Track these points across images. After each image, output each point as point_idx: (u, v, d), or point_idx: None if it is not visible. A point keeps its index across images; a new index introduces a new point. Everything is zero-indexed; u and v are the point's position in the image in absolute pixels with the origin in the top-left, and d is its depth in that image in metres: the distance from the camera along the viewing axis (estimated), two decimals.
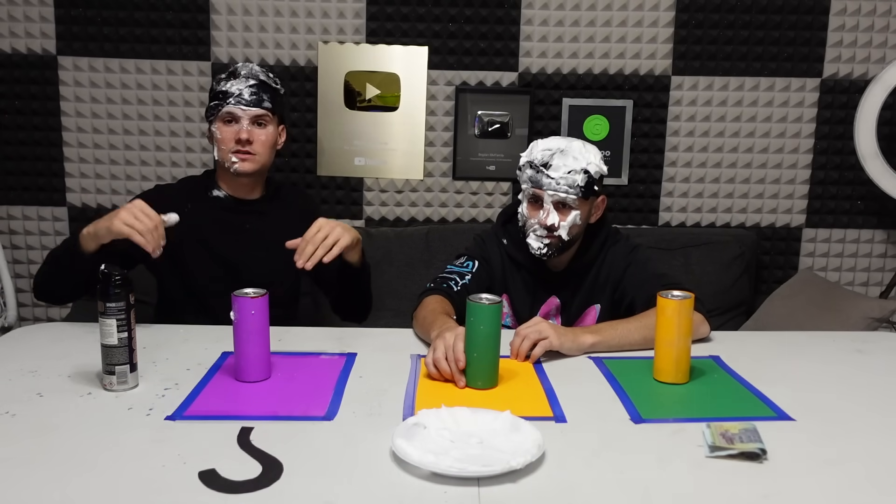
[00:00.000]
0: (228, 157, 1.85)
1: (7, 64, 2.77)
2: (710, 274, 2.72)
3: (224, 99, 1.84)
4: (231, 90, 1.84)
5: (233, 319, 1.41)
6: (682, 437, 1.23)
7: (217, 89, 1.86)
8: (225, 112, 1.84)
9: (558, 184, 1.73)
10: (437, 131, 2.86)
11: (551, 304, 1.89)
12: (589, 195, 1.77)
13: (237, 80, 1.85)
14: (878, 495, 1.06)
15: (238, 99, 1.83)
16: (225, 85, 1.85)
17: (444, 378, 1.44)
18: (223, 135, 1.85)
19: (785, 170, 2.90)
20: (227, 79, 1.86)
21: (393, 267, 2.69)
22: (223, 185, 1.93)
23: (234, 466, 1.10)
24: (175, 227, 1.68)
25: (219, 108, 1.84)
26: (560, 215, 1.76)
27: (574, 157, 1.74)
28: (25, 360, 1.51)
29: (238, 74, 1.86)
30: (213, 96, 1.87)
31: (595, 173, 1.76)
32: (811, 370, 1.56)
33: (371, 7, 2.77)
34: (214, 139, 1.87)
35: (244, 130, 1.83)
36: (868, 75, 2.80)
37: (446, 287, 1.80)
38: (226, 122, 1.85)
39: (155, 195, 1.92)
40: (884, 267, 2.96)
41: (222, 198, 1.92)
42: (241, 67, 1.88)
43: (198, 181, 1.97)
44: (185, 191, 1.94)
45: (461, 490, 1.05)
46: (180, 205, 1.88)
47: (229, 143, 1.84)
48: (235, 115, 1.84)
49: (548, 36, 2.79)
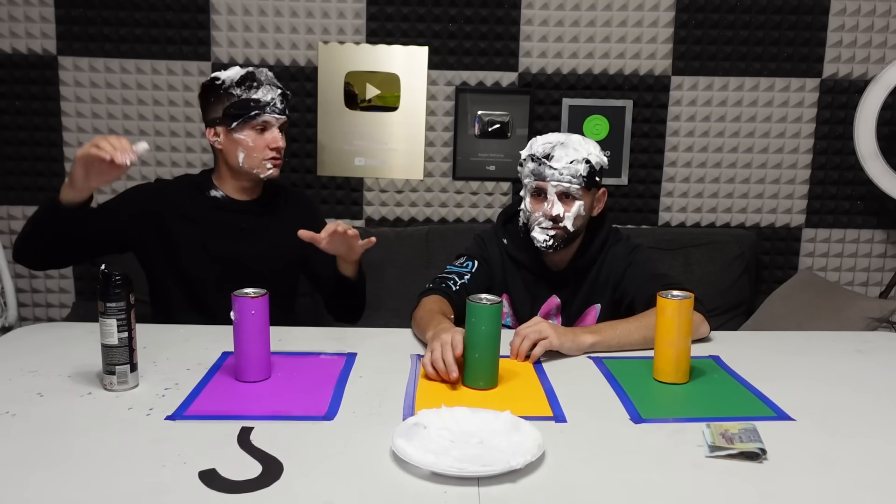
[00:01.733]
0: (261, 164, 1.86)
1: (7, 64, 2.77)
2: (710, 274, 2.72)
3: (259, 107, 1.82)
4: (265, 98, 1.83)
5: (233, 319, 1.41)
6: (682, 437, 1.23)
7: (246, 97, 1.82)
8: (261, 121, 1.83)
9: (561, 174, 1.74)
10: (437, 131, 2.86)
11: (551, 304, 1.89)
12: (591, 186, 1.78)
13: (263, 88, 1.84)
14: (878, 495, 1.06)
15: (273, 108, 1.84)
16: (256, 93, 1.83)
17: (442, 378, 1.44)
18: (255, 143, 1.84)
19: (785, 170, 2.90)
20: (254, 85, 1.83)
21: (393, 267, 2.69)
22: (222, 186, 1.93)
23: (234, 466, 1.10)
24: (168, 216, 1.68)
25: (255, 116, 1.82)
26: (564, 206, 1.77)
27: (575, 149, 1.76)
28: (25, 360, 1.51)
29: (261, 81, 1.84)
30: (241, 104, 1.82)
31: (596, 164, 1.78)
32: (811, 370, 1.56)
33: (371, 7, 2.77)
34: (241, 145, 1.84)
35: (280, 139, 1.86)
36: (868, 75, 2.80)
37: (445, 287, 1.80)
38: (259, 131, 1.84)
39: (154, 189, 1.94)
40: (883, 267, 2.96)
41: (220, 198, 1.92)
42: (258, 73, 1.86)
43: (195, 180, 1.97)
44: (183, 188, 1.94)
45: (461, 490, 1.05)
46: (178, 200, 1.90)
47: (262, 151, 1.85)
48: (270, 123, 1.85)
49: (548, 36, 2.80)
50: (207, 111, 1.88)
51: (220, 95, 1.85)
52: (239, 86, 1.83)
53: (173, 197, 1.91)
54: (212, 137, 1.88)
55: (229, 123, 1.84)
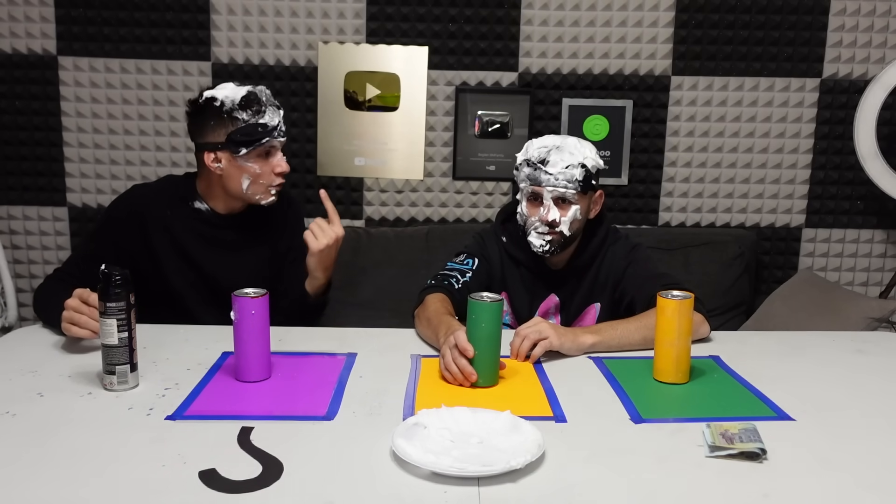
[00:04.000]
0: (266, 191, 1.80)
1: (7, 64, 2.77)
2: (710, 274, 2.72)
3: (267, 133, 1.75)
4: (272, 123, 1.76)
5: (233, 319, 1.41)
6: (682, 437, 1.23)
7: (253, 122, 1.74)
8: (269, 146, 1.77)
9: (557, 179, 1.74)
10: (437, 131, 2.86)
11: (550, 303, 1.89)
12: (587, 190, 1.78)
13: (269, 111, 1.76)
14: (878, 495, 1.06)
15: (279, 132, 1.78)
16: (263, 118, 1.75)
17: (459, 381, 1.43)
18: (263, 169, 1.77)
19: (785, 170, 2.90)
20: (262, 110, 1.75)
21: (393, 267, 2.69)
22: (209, 199, 1.86)
23: (234, 466, 1.10)
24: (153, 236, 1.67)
25: (263, 142, 1.75)
26: (560, 211, 1.76)
27: (570, 153, 1.75)
28: (25, 360, 1.52)
29: (261, 102, 1.76)
30: (249, 130, 1.74)
31: (592, 167, 1.77)
32: (811, 370, 1.56)
33: (371, 7, 2.77)
34: (247, 172, 1.77)
35: (285, 162, 1.80)
36: (868, 75, 2.79)
37: (447, 284, 1.80)
38: (265, 157, 1.77)
39: (133, 199, 1.87)
40: (884, 267, 2.96)
41: (204, 211, 1.86)
42: (259, 94, 1.77)
43: (178, 185, 1.90)
44: (165, 195, 1.87)
45: (461, 490, 1.05)
46: (159, 211, 1.84)
47: (269, 178, 1.79)
48: (276, 147, 1.79)
49: (548, 36, 2.79)
50: (204, 133, 1.78)
51: (222, 119, 1.75)
52: (243, 109, 1.74)
53: (153, 207, 1.85)
54: (212, 163, 1.78)
55: (235, 150, 1.75)
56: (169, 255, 1.84)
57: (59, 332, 1.64)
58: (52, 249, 2.88)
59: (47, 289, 1.77)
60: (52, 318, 1.64)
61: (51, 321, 1.67)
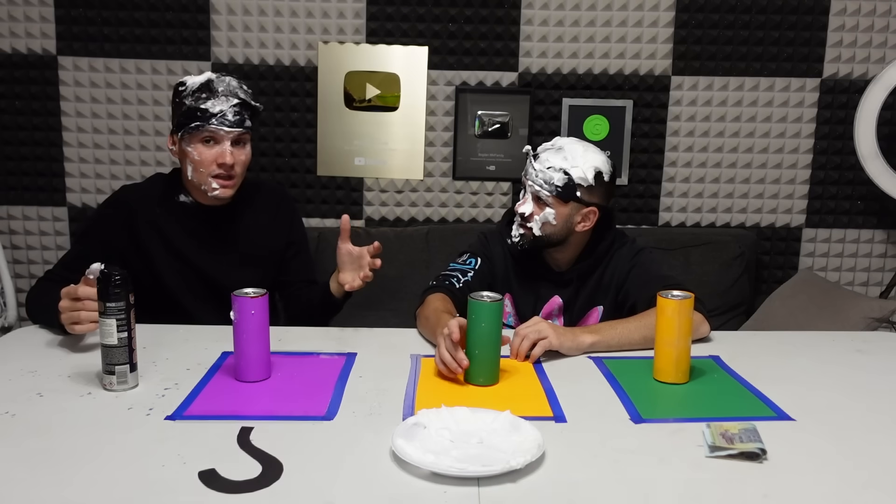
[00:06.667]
0: (207, 181, 1.75)
1: (7, 64, 2.77)
2: (710, 274, 2.72)
3: (205, 119, 1.70)
4: (213, 109, 1.70)
5: (233, 319, 1.41)
6: (682, 437, 1.23)
7: (193, 106, 1.71)
8: (206, 133, 1.72)
9: (536, 176, 1.76)
10: (437, 131, 2.86)
11: (554, 304, 1.89)
12: (567, 198, 1.75)
13: (217, 98, 1.71)
14: (878, 495, 1.06)
15: (221, 120, 1.71)
16: (205, 103, 1.70)
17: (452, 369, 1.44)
18: (202, 157, 1.73)
19: (785, 170, 2.90)
20: (204, 95, 1.71)
21: (393, 267, 2.69)
22: (191, 191, 1.84)
23: (234, 466, 1.10)
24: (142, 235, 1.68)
25: (198, 127, 1.71)
26: (536, 207, 1.77)
27: (564, 157, 1.75)
28: (25, 360, 1.51)
29: (216, 91, 1.72)
30: (189, 113, 1.71)
31: (578, 178, 1.74)
32: (811, 370, 1.56)
33: (371, 7, 2.77)
34: (189, 158, 1.75)
35: (228, 154, 1.73)
36: (868, 75, 2.80)
37: (448, 284, 1.80)
38: (205, 143, 1.73)
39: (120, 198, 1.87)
40: (884, 267, 2.96)
41: (188, 204, 1.84)
42: (217, 82, 1.73)
43: (166, 181, 1.89)
44: (154, 194, 1.86)
45: (461, 490, 1.05)
46: (147, 208, 1.84)
47: (209, 167, 1.74)
48: (217, 136, 1.73)
49: (548, 36, 2.79)
50: (171, 117, 1.80)
51: (177, 102, 1.74)
52: (193, 94, 1.72)
53: (141, 205, 1.84)
54: (170, 146, 1.80)
55: (177, 133, 1.75)
56: (159, 251, 1.84)
57: (56, 333, 1.64)
58: (51, 249, 2.88)
59: (39, 290, 1.78)
60: (46, 319, 1.65)
61: (46, 322, 1.68)
